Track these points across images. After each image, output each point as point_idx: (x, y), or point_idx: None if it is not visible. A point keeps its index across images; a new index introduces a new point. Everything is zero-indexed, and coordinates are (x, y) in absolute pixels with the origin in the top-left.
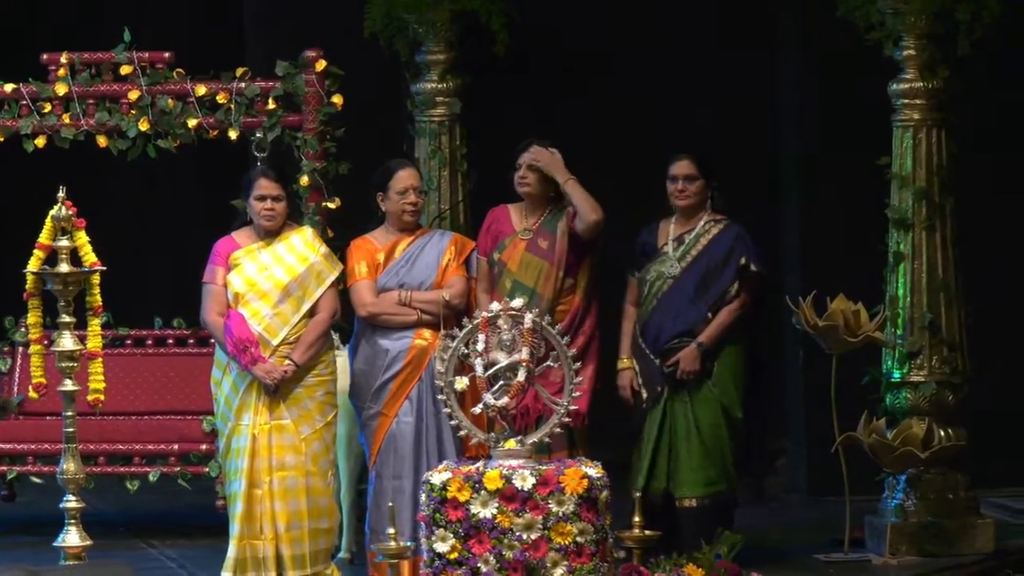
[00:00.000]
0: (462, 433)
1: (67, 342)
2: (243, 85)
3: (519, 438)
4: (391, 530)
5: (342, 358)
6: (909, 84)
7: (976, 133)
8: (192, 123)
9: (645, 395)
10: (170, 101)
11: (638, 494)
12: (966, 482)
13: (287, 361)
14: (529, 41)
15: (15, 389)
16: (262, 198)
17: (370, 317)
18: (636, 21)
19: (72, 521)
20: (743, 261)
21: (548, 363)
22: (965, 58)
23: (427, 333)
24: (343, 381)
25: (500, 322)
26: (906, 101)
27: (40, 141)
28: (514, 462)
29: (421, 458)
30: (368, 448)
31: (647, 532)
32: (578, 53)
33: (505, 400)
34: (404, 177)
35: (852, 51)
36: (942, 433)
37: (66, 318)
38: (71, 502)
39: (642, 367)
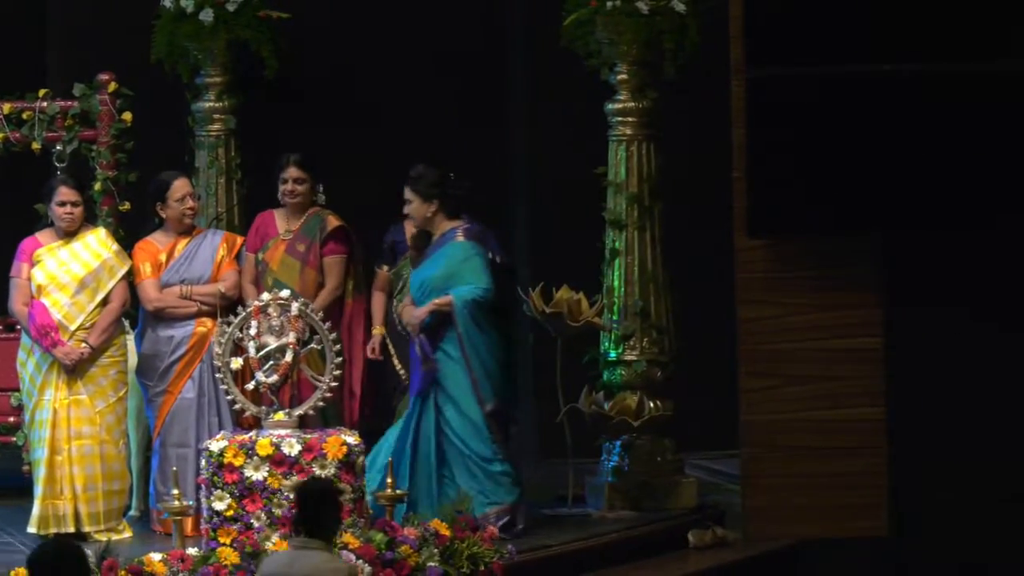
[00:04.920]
0: (237, 407)
1: None
2: (45, 104)
3: (287, 411)
4: (175, 491)
5: (132, 341)
6: (623, 104)
7: (681, 146)
8: (0, 137)
9: (404, 375)
10: None
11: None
12: (672, 446)
13: (83, 344)
14: (295, 65)
15: None
16: (62, 203)
17: (156, 311)
18: (381, 44)
19: None
20: (491, 255)
21: (312, 345)
22: (670, 81)
23: (207, 321)
24: (133, 361)
25: (270, 310)
26: (620, 119)
27: None
28: (282, 431)
29: (203, 429)
30: (154, 421)
31: (398, 491)
32: (339, 75)
33: (274, 378)
34: (180, 186)
35: (573, 75)
36: (651, 404)
37: None
38: None
39: (404, 352)
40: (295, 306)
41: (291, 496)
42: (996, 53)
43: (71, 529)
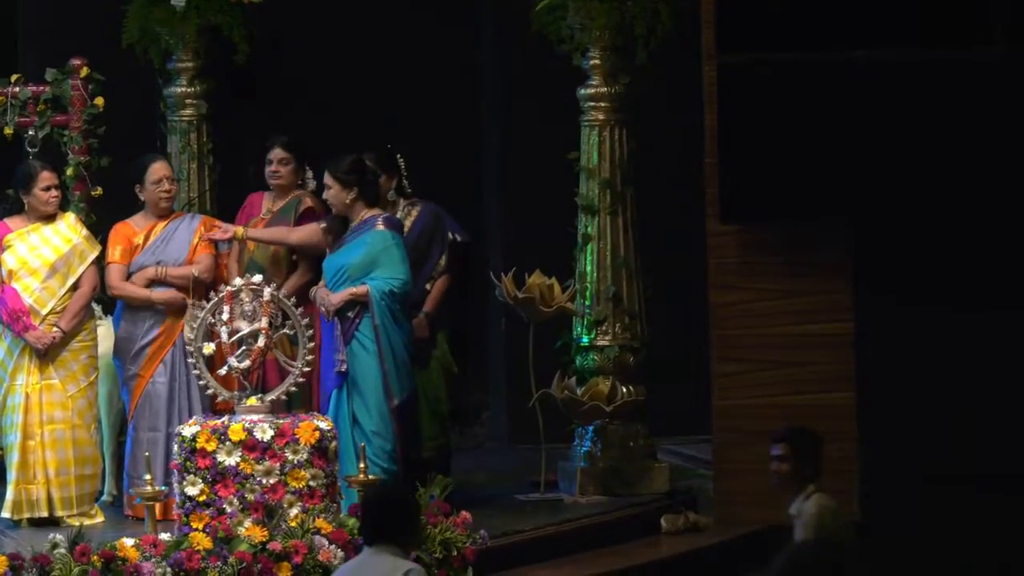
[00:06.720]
0: (209, 392)
1: None
2: (17, 89)
3: (259, 396)
4: (147, 476)
5: (103, 327)
6: (595, 89)
7: (654, 131)
8: None
9: None
10: None
11: (363, 444)
12: (645, 432)
13: (55, 328)
14: (267, 51)
15: None
16: (47, 188)
17: (115, 297)
18: (353, 32)
19: None
20: (451, 236)
21: (284, 331)
22: (643, 66)
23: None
24: (104, 347)
25: (243, 295)
26: (592, 104)
27: None
28: (255, 416)
29: (174, 413)
30: (128, 404)
31: (371, 476)
32: (308, 61)
33: (247, 363)
34: (157, 169)
35: (545, 60)
36: (624, 390)
37: None
38: None
39: None
40: (267, 291)
41: (263, 481)
42: (972, 41)
43: (44, 513)
